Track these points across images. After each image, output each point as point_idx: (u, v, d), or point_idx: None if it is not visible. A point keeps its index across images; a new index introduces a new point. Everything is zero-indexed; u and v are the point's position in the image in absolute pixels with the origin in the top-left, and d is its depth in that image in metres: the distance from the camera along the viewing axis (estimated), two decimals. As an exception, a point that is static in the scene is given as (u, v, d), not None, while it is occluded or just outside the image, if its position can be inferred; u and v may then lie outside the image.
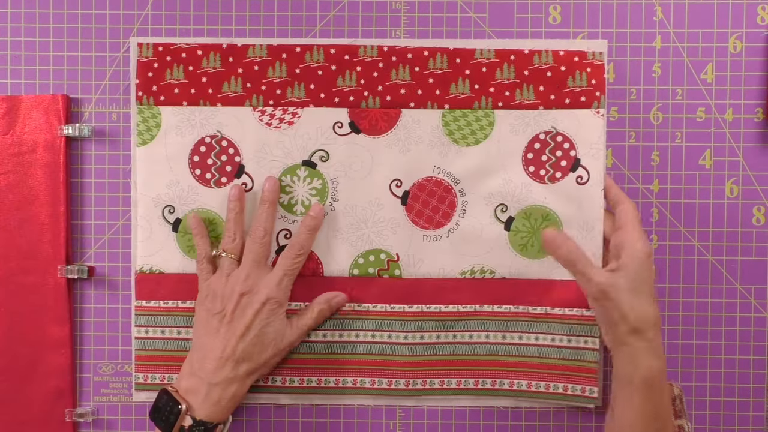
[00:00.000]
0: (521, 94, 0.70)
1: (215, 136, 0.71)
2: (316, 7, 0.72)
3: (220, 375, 0.64)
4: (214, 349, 0.65)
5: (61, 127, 0.71)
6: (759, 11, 0.71)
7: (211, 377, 0.64)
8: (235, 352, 0.65)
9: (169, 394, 0.64)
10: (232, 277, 0.66)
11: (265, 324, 0.66)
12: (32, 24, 0.72)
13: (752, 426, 0.72)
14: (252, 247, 0.67)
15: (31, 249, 0.71)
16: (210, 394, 0.64)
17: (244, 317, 0.65)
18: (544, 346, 0.71)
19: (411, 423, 0.72)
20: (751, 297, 0.72)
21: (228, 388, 0.65)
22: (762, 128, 0.71)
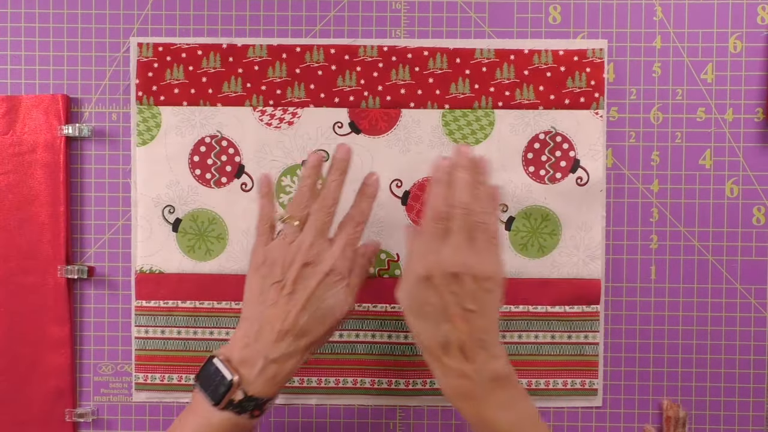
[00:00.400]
0: (521, 93, 0.70)
1: (215, 136, 0.71)
2: (316, 7, 0.72)
3: (279, 349, 0.59)
4: (272, 321, 0.59)
5: (61, 127, 0.71)
6: (759, 11, 0.71)
7: (270, 351, 0.59)
8: (296, 325, 0.59)
9: (220, 362, 0.59)
10: (294, 245, 0.61)
11: (328, 296, 0.60)
12: (32, 24, 0.72)
13: (752, 426, 0.72)
14: (319, 215, 0.61)
15: (31, 249, 0.71)
16: (266, 369, 0.59)
17: (306, 288, 0.60)
18: (544, 343, 0.71)
19: (411, 423, 0.72)
20: (751, 297, 0.72)
21: (286, 363, 0.59)
22: (762, 128, 0.71)
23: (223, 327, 0.71)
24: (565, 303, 0.71)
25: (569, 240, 0.71)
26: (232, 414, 0.58)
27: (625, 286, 0.72)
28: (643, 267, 0.72)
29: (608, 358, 0.72)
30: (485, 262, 0.57)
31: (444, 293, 0.56)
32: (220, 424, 0.58)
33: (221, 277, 0.71)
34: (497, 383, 0.57)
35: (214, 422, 0.58)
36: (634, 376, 0.72)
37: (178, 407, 0.72)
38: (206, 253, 0.71)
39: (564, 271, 0.71)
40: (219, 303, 0.71)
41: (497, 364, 0.57)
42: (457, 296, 0.56)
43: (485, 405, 0.57)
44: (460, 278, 0.56)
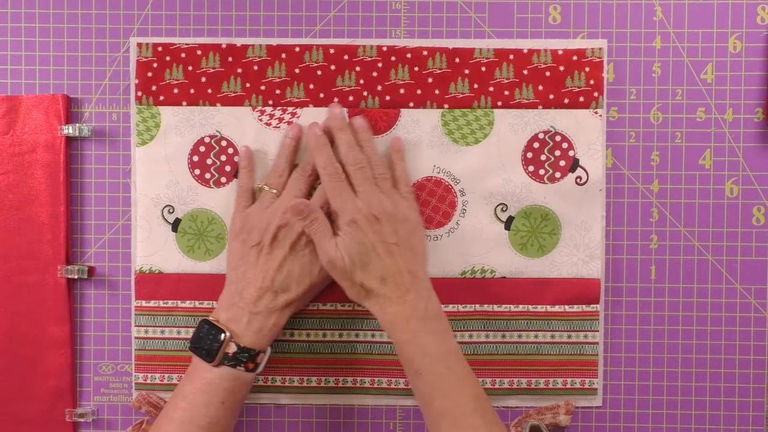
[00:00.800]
0: (520, 93, 0.70)
1: (214, 136, 0.71)
2: (316, 7, 0.72)
3: (260, 304, 0.64)
4: (253, 280, 0.65)
5: (61, 127, 0.71)
6: (759, 11, 0.71)
7: (252, 307, 0.64)
8: (274, 283, 0.65)
9: (210, 323, 0.64)
10: (270, 210, 0.66)
11: (302, 256, 0.66)
12: (32, 24, 0.72)
13: (752, 426, 0.72)
14: (297, 183, 0.67)
15: (31, 249, 0.71)
16: (252, 323, 0.64)
17: (282, 249, 0.65)
18: (544, 343, 0.71)
19: (411, 423, 0.72)
20: (751, 297, 0.71)
21: (269, 318, 0.65)
22: (762, 128, 0.71)
23: (222, 327, 0.71)
24: (565, 303, 0.71)
25: (569, 240, 0.71)
26: (229, 368, 0.63)
27: (625, 286, 0.72)
28: (643, 267, 0.72)
29: (608, 358, 0.72)
30: (398, 205, 0.66)
31: (368, 233, 0.64)
32: (219, 380, 0.63)
33: (221, 277, 0.71)
34: (429, 315, 0.64)
35: (213, 379, 0.63)
36: (634, 376, 0.72)
37: (178, 407, 0.72)
38: (206, 253, 0.71)
39: (564, 270, 0.71)
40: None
41: (430, 301, 0.64)
42: (379, 234, 0.64)
43: (417, 331, 0.63)
44: (379, 218, 0.64)
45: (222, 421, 0.63)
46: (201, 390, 0.63)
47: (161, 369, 0.71)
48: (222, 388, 0.63)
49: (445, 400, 0.61)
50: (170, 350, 0.71)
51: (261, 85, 0.71)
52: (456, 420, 0.61)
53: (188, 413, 0.62)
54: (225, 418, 0.63)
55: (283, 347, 0.71)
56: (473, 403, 0.61)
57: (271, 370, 0.71)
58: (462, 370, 0.63)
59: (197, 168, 0.71)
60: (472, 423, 0.60)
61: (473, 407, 0.61)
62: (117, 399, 0.73)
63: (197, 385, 0.63)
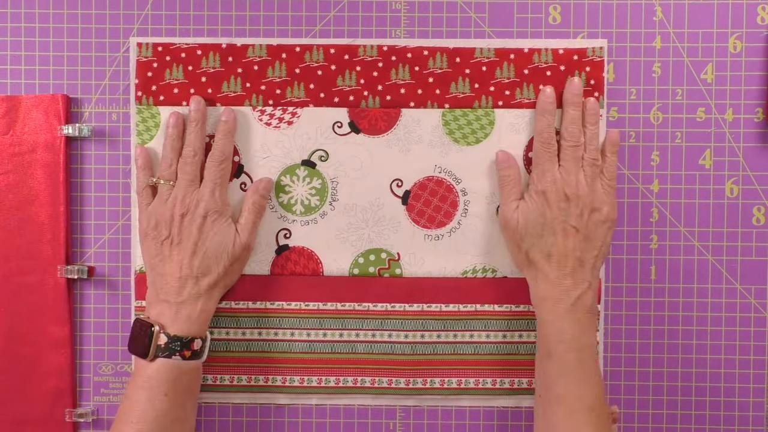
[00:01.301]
0: (521, 92, 0.70)
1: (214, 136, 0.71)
2: (316, 7, 0.72)
3: (184, 293, 0.66)
4: (172, 273, 0.66)
5: (61, 127, 0.71)
6: (759, 11, 0.71)
7: (176, 297, 0.65)
8: (192, 269, 0.66)
9: (141, 321, 0.65)
10: (170, 202, 0.67)
11: (212, 235, 0.66)
12: (32, 24, 0.72)
13: (752, 426, 0.72)
14: (185, 168, 0.67)
15: (31, 249, 0.71)
16: (179, 312, 0.65)
17: (190, 235, 0.66)
18: (545, 344, 0.71)
19: (411, 423, 0.72)
20: (751, 297, 0.72)
21: (195, 304, 0.66)
22: (762, 128, 0.71)
23: (222, 327, 0.71)
24: (566, 302, 0.71)
25: (569, 240, 0.71)
26: (164, 360, 0.64)
27: (625, 286, 0.72)
28: (643, 267, 0.72)
29: (608, 358, 0.72)
30: (596, 193, 0.66)
31: (554, 208, 0.65)
32: (157, 374, 0.64)
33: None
34: (580, 306, 0.64)
35: (151, 374, 0.64)
36: (634, 375, 0.72)
37: (178, 407, 0.72)
38: (206, 252, 0.71)
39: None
40: (218, 303, 0.71)
41: (587, 294, 0.65)
42: (564, 213, 0.65)
43: (562, 316, 0.64)
44: (570, 199, 0.65)
45: (171, 413, 0.64)
46: (141, 386, 0.63)
47: (161, 369, 0.71)
48: (162, 381, 0.63)
49: (567, 388, 0.63)
50: (170, 350, 0.71)
51: (261, 85, 0.71)
52: (572, 411, 0.62)
53: (133, 411, 0.63)
54: (174, 409, 0.64)
55: (284, 347, 0.71)
56: (592, 402, 0.62)
57: (271, 370, 0.71)
58: (592, 368, 0.64)
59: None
60: (586, 420, 0.62)
61: (590, 405, 0.62)
62: (117, 399, 0.72)
63: (137, 383, 0.64)
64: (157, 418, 0.63)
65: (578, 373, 0.63)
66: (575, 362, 0.63)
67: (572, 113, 0.67)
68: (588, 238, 0.65)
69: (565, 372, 0.63)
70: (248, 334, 0.71)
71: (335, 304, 0.71)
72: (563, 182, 0.65)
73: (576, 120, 0.67)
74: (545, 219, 0.65)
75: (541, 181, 0.66)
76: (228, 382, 0.71)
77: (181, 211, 0.66)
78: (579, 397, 0.62)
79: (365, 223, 0.71)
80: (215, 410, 0.72)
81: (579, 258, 0.65)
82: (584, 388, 0.63)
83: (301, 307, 0.71)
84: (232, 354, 0.71)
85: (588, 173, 0.66)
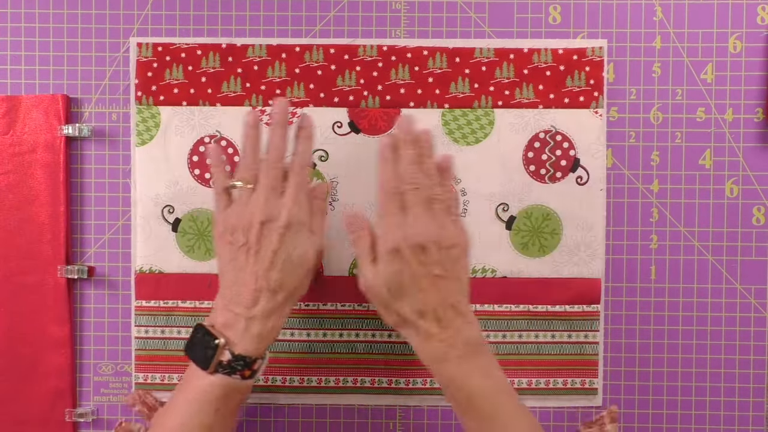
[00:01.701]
0: (521, 92, 0.70)
1: (214, 136, 0.71)
2: (316, 7, 0.72)
3: (257, 308, 0.60)
4: (246, 283, 0.60)
5: (61, 127, 0.71)
6: (759, 11, 0.71)
7: (248, 312, 0.60)
8: (269, 282, 0.60)
9: (205, 329, 0.60)
10: (249, 207, 0.61)
11: (293, 248, 0.61)
12: (32, 24, 0.72)
13: (752, 426, 0.72)
14: (269, 172, 0.62)
15: (31, 249, 0.71)
16: (249, 328, 0.60)
17: (270, 245, 0.60)
18: (545, 343, 0.71)
19: (411, 423, 0.72)
20: (751, 297, 0.72)
21: (268, 320, 0.60)
22: (762, 128, 0.71)
23: (222, 327, 0.71)
24: (566, 302, 0.71)
25: (570, 239, 0.71)
26: (223, 376, 0.59)
27: (625, 286, 0.72)
28: (643, 267, 0.72)
29: (608, 358, 0.72)
30: (447, 230, 0.60)
31: (412, 263, 0.59)
32: (211, 388, 0.59)
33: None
34: (472, 348, 0.59)
35: (206, 387, 0.59)
36: (634, 376, 0.72)
37: (178, 407, 0.72)
38: (206, 253, 0.71)
39: (565, 270, 0.71)
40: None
41: (472, 330, 0.60)
42: (424, 265, 0.59)
43: (461, 370, 0.59)
44: (426, 248, 0.59)
45: (215, 429, 0.60)
46: (194, 398, 0.59)
47: (161, 369, 0.71)
48: (215, 396, 0.59)
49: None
50: (170, 350, 0.71)
51: (261, 85, 0.71)
52: None
53: (180, 421, 0.59)
54: (218, 426, 0.60)
55: (283, 347, 0.71)
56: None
57: (271, 370, 0.71)
58: (512, 408, 0.59)
59: (197, 168, 0.71)
60: None
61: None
62: (117, 399, 0.72)
63: (190, 393, 0.60)
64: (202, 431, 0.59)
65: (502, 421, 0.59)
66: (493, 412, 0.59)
67: (407, 153, 0.62)
68: (456, 279, 0.60)
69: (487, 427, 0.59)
70: (248, 334, 0.71)
71: (335, 304, 0.71)
72: (414, 233, 0.59)
73: (413, 160, 0.62)
74: (406, 277, 0.59)
75: (390, 239, 0.60)
76: (228, 382, 0.71)
77: (262, 217, 0.60)
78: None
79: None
80: (215, 410, 0.72)
81: (453, 305, 0.60)
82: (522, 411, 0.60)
83: (301, 307, 0.71)
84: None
85: (436, 210, 0.61)
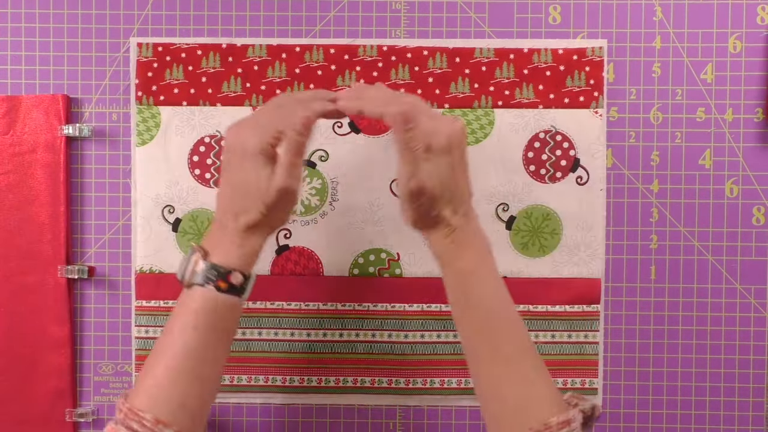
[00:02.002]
0: (521, 92, 0.70)
1: (214, 136, 0.71)
2: (316, 7, 0.72)
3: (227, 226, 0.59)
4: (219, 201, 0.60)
5: (61, 127, 0.71)
6: (759, 11, 0.71)
7: (220, 227, 0.59)
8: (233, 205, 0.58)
9: (193, 246, 0.60)
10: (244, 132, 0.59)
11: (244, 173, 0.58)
12: (32, 24, 0.72)
13: (752, 426, 0.72)
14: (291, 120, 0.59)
15: (31, 249, 0.71)
16: (221, 241, 0.59)
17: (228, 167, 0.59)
18: (545, 343, 0.71)
19: (411, 423, 0.72)
20: (751, 297, 0.72)
21: (235, 239, 0.58)
22: (762, 128, 0.71)
23: (223, 327, 0.71)
24: (566, 302, 0.71)
25: (570, 239, 0.71)
26: (199, 287, 0.57)
27: (625, 286, 0.72)
28: (643, 267, 0.72)
29: (608, 358, 0.72)
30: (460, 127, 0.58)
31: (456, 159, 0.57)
32: (190, 301, 0.58)
33: (221, 277, 0.71)
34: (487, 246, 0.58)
35: (185, 301, 0.58)
36: (634, 376, 0.72)
37: (178, 407, 0.72)
38: (206, 252, 0.71)
39: (564, 270, 0.71)
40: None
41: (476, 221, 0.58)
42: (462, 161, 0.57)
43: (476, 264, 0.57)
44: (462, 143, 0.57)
45: (200, 352, 0.57)
46: (175, 314, 0.58)
47: (161, 369, 0.71)
48: (192, 310, 0.57)
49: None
50: (170, 350, 0.71)
51: (261, 85, 0.71)
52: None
53: (166, 341, 0.58)
54: (203, 348, 0.57)
55: (283, 347, 0.71)
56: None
57: (271, 370, 0.71)
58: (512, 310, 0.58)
59: (197, 168, 0.71)
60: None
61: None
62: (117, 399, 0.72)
63: (174, 311, 0.59)
64: (186, 352, 0.57)
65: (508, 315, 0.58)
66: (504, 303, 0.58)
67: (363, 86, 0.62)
68: (462, 161, 0.59)
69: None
70: (248, 334, 0.71)
71: (335, 304, 0.71)
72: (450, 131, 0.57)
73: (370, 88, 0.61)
74: (455, 173, 0.57)
75: (443, 135, 0.56)
76: (228, 381, 0.71)
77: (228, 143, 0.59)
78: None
79: (365, 223, 0.71)
80: (215, 410, 0.72)
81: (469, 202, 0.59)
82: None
83: (301, 307, 0.71)
84: (232, 354, 0.71)
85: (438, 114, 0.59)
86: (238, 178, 0.58)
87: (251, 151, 0.58)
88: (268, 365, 0.71)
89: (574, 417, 0.55)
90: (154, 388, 0.56)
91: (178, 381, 0.57)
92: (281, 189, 0.58)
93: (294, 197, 0.59)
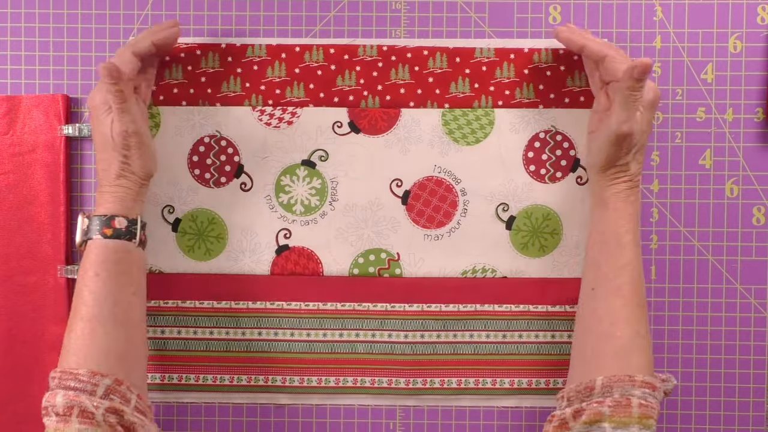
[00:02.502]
0: (521, 92, 0.70)
1: (214, 136, 0.71)
2: (316, 7, 0.72)
3: (102, 181, 0.65)
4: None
5: (61, 127, 0.71)
6: (759, 11, 0.71)
7: (98, 185, 0.66)
8: (100, 161, 0.65)
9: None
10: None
11: (96, 126, 0.65)
12: (32, 24, 0.72)
13: (752, 426, 0.72)
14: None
15: (31, 249, 0.71)
16: (101, 196, 0.65)
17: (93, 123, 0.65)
18: (545, 343, 0.71)
19: (411, 423, 0.72)
20: (751, 297, 0.72)
21: (110, 188, 0.65)
22: (762, 128, 0.71)
23: (222, 327, 0.71)
24: (566, 302, 0.71)
25: (570, 239, 0.71)
26: (90, 242, 0.63)
27: (626, 286, 0.72)
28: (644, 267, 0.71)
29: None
30: None
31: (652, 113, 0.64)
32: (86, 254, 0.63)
33: (221, 277, 0.71)
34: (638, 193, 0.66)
35: (84, 256, 0.63)
36: (635, 376, 0.72)
37: (179, 407, 0.72)
38: (206, 253, 0.71)
39: (565, 270, 0.71)
40: (219, 303, 0.71)
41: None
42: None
43: (633, 208, 0.65)
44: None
45: (110, 295, 0.62)
46: (79, 274, 0.63)
47: (161, 369, 0.71)
48: (90, 261, 0.63)
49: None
50: (171, 350, 0.71)
51: (261, 85, 0.71)
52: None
53: (75, 300, 0.62)
54: (108, 291, 0.62)
55: (283, 347, 0.71)
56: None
57: (271, 370, 0.71)
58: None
59: (197, 168, 0.71)
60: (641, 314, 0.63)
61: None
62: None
63: (78, 274, 0.64)
64: (96, 301, 0.61)
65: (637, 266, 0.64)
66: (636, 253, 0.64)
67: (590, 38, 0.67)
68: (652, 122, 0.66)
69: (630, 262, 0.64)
70: (248, 334, 0.71)
71: (335, 304, 0.71)
72: (647, 90, 0.63)
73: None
74: (649, 123, 0.64)
75: (651, 93, 0.63)
76: (228, 382, 0.71)
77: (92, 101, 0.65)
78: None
79: (365, 223, 0.71)
80: (215, 410, 0.72)
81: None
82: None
83: (301, 307, 0.71)
84: (232, 354, 0.71)
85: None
86: (96, 136, 0.65)
87: (95, 107, 0.64)
88: (268, 365, 0.71)
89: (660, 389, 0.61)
90: (77, 342, 0.61)
91: (96, 329, 0.61)
92: (119, 133, 0.63)
93: (140, 140, 0.64)
